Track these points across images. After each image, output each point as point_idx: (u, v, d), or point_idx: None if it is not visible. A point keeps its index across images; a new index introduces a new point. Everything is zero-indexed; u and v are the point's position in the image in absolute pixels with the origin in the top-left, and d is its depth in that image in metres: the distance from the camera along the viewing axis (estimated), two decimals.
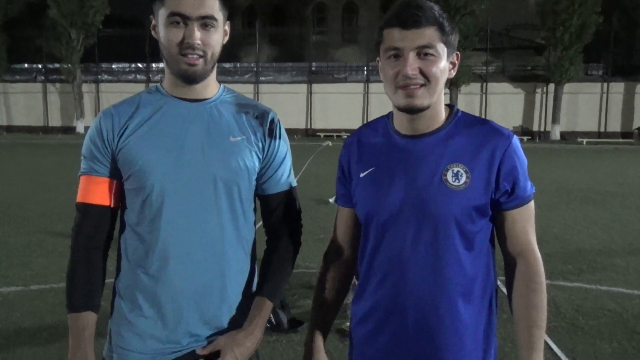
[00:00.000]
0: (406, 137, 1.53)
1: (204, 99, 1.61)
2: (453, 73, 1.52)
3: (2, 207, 9.59)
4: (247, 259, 1.67)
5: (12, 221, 8.43)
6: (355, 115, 35.06)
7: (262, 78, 36.70)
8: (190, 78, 1.55)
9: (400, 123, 1.54)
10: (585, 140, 31.25)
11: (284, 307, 4.34)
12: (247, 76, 37.09)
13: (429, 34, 1.42)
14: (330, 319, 1.74)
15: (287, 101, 35.77)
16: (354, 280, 1.75)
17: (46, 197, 10.58)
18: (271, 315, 4.16)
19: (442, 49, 1.44)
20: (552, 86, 33.18)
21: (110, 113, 1.58)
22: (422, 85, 1.44)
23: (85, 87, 36.16)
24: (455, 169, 1.46)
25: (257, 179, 1.67)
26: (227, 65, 37.33)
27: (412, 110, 1.47)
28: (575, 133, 33.52)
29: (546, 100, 34.14)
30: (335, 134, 33.48)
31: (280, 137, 1.69)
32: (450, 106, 1.58)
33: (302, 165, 15.83)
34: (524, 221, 1.51)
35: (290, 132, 34.65)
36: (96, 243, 1.58)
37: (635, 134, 31.93)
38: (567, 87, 32.99)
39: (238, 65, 38.20)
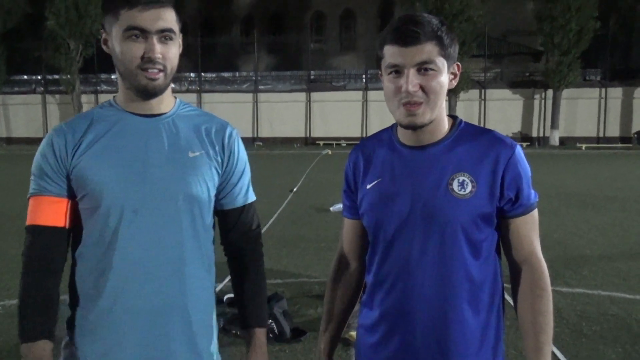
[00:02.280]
0: (411, 147, 1.55)
1: (161, 114, 1.57)
2: (454, 83, 1.54)
3: (2, 218, 9.59)
4: (208, 276, 1.64)
5: (13, 233, 8.40)
6: (354, 123, 35.11)
7: (260, 87, 36.76)
8: (151, 93, 1.51)
9: (405, 135, 1.57)
10: (584, 146, 31.28)
11: (286, 316, 4.33)
12: (245, 85, 37.16)
13: (428, 49, 1.43)
14: (339, 329, 1.76)
15: (286, 110, 35.83)
16: None
17: None
18: (274, 325, 4.15)
19: (442, 62, 1.46)
20: (550, 92, 33.26)
21: (63, 129, 1.52)
22: (422, 103, 1.46)
23: (84, 98, 36.19)
24: (461, 178, 1.48)
25: (216, 195, 1.64)
26: (225, 74, 37.43)
27: (414, 128, 1.50)
28: (574, 138, 33.55)
29: (545, 106, 34.21)
30: (334, 142, 33.50)
31: (238, 152, 1.67)
32: (453, 117, 1.60)
33: (302, 174, 15.84)
34: (528, 229, 1.53)
35: (290, 140, 34.74)
36: (49, 267, 1.51)
37: (634, 138, 31.96)
38: (566, 92, 33.05)
39: (237, 74, 38.30)
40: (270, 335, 4.17)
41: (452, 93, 30.46)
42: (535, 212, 1.54)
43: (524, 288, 1.53)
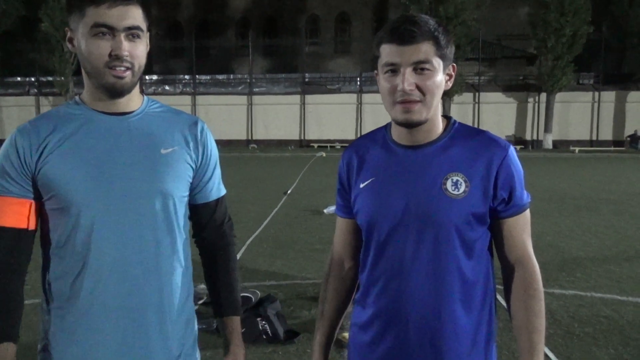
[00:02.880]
0: (405, 147, 1.56)
1: (129, 112, 1.55)
2: (450, 84, 1.55)
3: None
4: (185, 272, 1.63)
5: None
6: (349, 126, 35.13)
7: (255, 89, 36.72)
8: (118, 91, 1.48)
9: (399, 134, 1.57)
10: (577, 149, 31.40)
11: (279, 318, 4.32)
12: (240, 87, 37.12)
13: (425, 49, 1.45)
14: (333, 328, 1.77)
15: (281, 112, 35.82)
16: None
17: None
18: (267, 326, 4.15)
19: (438, 63, 1.47)
20: (544, 95, 33.36)
21: (27, 129, 1.48)
22: (419, 102, 1.47)
23: None
24: (455, 178, 1.49)
25: (190, 190, 1.64)
26: (220, 76, 37.41)
27: (410, 125, 1.51)
28: (568, 142, 33.67)
29: (538, 110, 34.31)
30: (329, 145, 33.50)
31: (211, 146, 1.67)
32: (448, 117, 1.60)
33: (297, 176, 15.83)
34: (521, 229, 1.54)
35: (284, 143, 34.74)
36: (12, 268, 1.48)
37: (627, 141, 32.10)
38: (559, 96, 33.18)
39: (231, 76, 38.27)
40: (264, 337, 4.17)
41: (446, 96, 30.55)
42: (527, 213, 1.55)
43: (516, 289, 1.54)
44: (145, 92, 1.73)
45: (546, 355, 3.97)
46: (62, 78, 34.62)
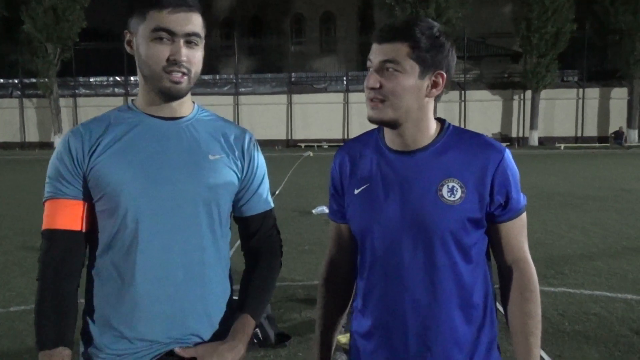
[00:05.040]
0: (398, 152, 1.53)
1: (180, 117, 1.57)
2: (435, 92, 1.50)
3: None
4: (227, 281, 1.62)
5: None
6: (335, 125, 35.16)
7: (241, 89, 36.63)
8: (174, 96, 1.50)
9: (391, 139, 1.54)
10: (563, 145, 31.68)
11: (270, 321, 4.29)
12: (226, 88, 36.99)
13: (396, 49, 1.42)
14: (333, 332, 1.75)
15: (267, 112, 35.75)
16: None
17: (24, 214, 10.38)
18: (258, 330, 4.11)
19: (410, 65, 1.43)
20: (529, 93, 33.63)
21: (80, 131, 1.51)
22: (381, 100, 1.45)
23: (62, 102, 35.72)
24: (451, 184, 1.46)
25: (236, 201, 1.63)
26: (206, 77, 37.17)
27: (377, 123, 1.50)
28: (553, 138, 33.95)
29: (524, 107, 34.57)
30: (316, 144, 33.51)
31: (258, 158, 1.66)
32: (442, 120, 1.57)
33: (284, 176, 15.79)
34: (517, 232, 1.53)
35: (271, 142, 34.64)
36: (66, 271, 1.47)
37: (611, 138, 32.44)
38: (544, 93, 33.46)
39: (217, 77, 38.07)
40: (255, 341, 4.13)
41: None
42: (524, 216, 1.54)
43: (513, 291, 1.53)
44: (131, 95, 1.71)
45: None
46: (46, 80, 34.24)
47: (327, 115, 35.37)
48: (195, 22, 1.47)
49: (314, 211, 9.99)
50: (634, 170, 18.31)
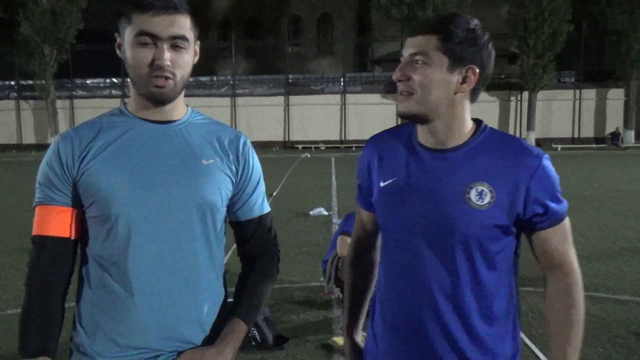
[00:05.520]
0: (430, 150, 1.47)
1: (173, 121, 1.53)
2: (466, 88, 1.43)
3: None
4: (221, 288, 1.60)
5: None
6: (333, 126, 35.11)
7: (238, 91, 36.56)
8: (159, 100, 1.47)
9: (423, 135, 1.49)
10: (559, 146, 31.72)
11: (268, 323, 4.28)
12: (223, 89, 36.92)
13: (425, 41, 1.40)
14: (359, 314, 1.74)
15: (265, 113, 35.70)
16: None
17: (21, 215, 10.33)
18: (256, 333, 4.10)
19: (438, 57, 1.39)
20: (526, 94, 33.64)
21: (70, 136, 1.48)
22: (407, 93, 1.42)
23: (59, 103, 35.62)
24: (480, 188, 1.40)
25: (231, 206, 1.61)
26: (203, 78, 37.15)
27: (405, 116, 1.46)
28: (550, 139, 33.98)
29: (521, 108, 34.61)
30: (313, 146, 33.48)
31: (253, 162, 1.63)
32: (478, 121, 1.51)
33: (282, 178, 15.78)
34: (559, 238, 1.47)
35: (269, 144, 34.61)
36: (54, 279, 1.46)
37: (608, 139, 32.48)
38: (541, 94, 33.48)
39: (214, 78, 38.00)
40: (253, 344, 4.12)
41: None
42: (565, 223, 1.47)
43: (553, 297, 1.48)
44: (128, 97, 1.70)
45: (537, 356, 3.97)
46: (43, 81, 34.15)
47: (324, 116, 35.33)
48: (181, 25, 1.43)
49: (311, 213, 9.97)
50: (631, 171, 18.34)
